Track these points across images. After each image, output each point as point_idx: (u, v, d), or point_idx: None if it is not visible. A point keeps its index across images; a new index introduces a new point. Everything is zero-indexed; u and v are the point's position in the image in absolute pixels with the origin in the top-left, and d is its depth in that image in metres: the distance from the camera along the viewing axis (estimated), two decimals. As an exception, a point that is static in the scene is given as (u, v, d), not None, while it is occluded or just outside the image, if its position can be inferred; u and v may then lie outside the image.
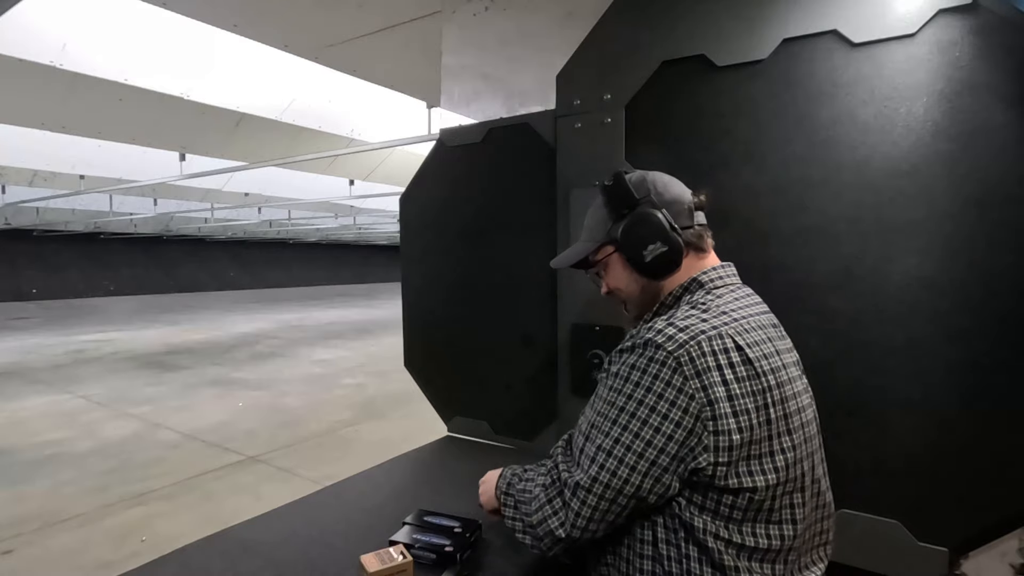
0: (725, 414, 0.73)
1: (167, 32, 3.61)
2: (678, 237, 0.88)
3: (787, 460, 0.76)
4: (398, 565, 0.98)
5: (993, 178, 1.01)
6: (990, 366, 1.02)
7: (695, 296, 0.88)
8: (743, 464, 0.74)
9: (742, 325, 0.81)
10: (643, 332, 0.80)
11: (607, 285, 0.99)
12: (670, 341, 0.76)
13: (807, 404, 0.84)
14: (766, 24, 1.21)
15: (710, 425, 0.73)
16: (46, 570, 2.76)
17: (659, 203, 0.91)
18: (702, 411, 0.73)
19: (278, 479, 3.90)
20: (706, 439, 0.73)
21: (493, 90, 1.86)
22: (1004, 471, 1.02)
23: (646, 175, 0.94)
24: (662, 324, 0.80)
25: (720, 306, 0.83)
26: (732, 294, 0.88)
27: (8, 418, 5.33)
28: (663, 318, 0.83)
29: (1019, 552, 1.09)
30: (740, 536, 0.75)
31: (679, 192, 0.93)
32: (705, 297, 0.86)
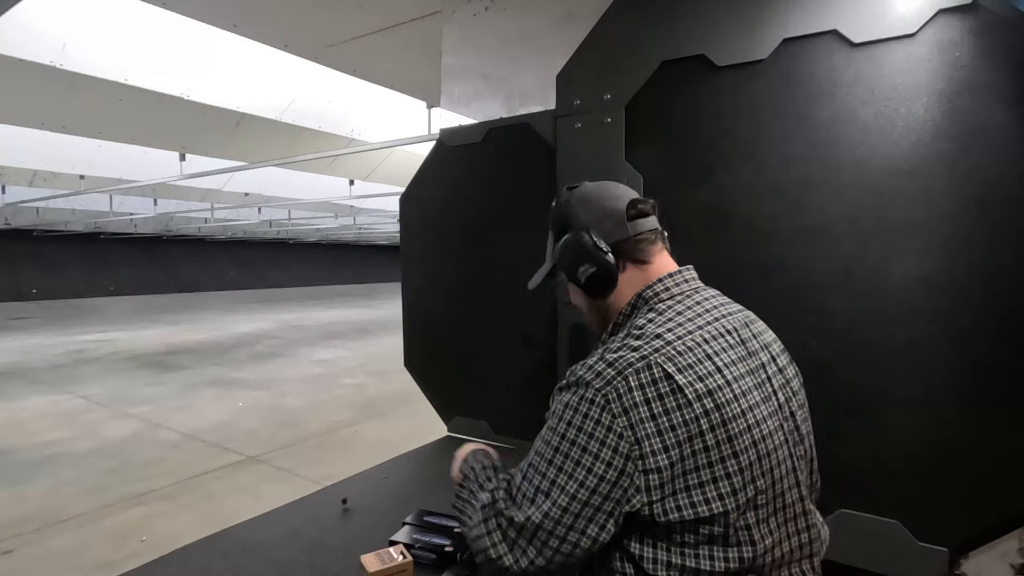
0: (654, 451, 0.71)
1: (167, 32, 3.61)
2: (603, 255, 0.86)
3: (734, 484, 0.72)
4: (398, 565, 0.98)
5: (993, 178, 1.01)
6: (990, 366, 1.02)
7: (637, 315, 0.85)
8: (681, 496, 0.71)
9: (675, 348, 0.76)
10: (578, 369, 0.79)
11: (570, 299, 1.00)
12: (598, 378, 0.75)
13: (768, 415, 0.78)
14: (766, 24, 1.21)
15: (639, 464, 0.71)
16: (46, 570, 2.76)
17: (587, 222, 0.89)
18: (631, 450, 0.71)
19: (278, 479, 3.90)
20: (637, 479, 0.71)
21: (493, 90, 1.86)
22: (1004, 471, 1.02)
23: (574, 193, 0.94)
24: (594, 359, 0.78)
25: (657, 327, 0.79)
26: (677, 306, 0.83)
27: (8, 418, 5.33)
28: (609, 346, 0.81)
29: (1019, 552, 1.09)
30: (695, 561, 0.73)
31: (610, 206, 0.90)
32: (645, 316, 0.83)
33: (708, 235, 1.30)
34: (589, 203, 0.91)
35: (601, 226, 0.88)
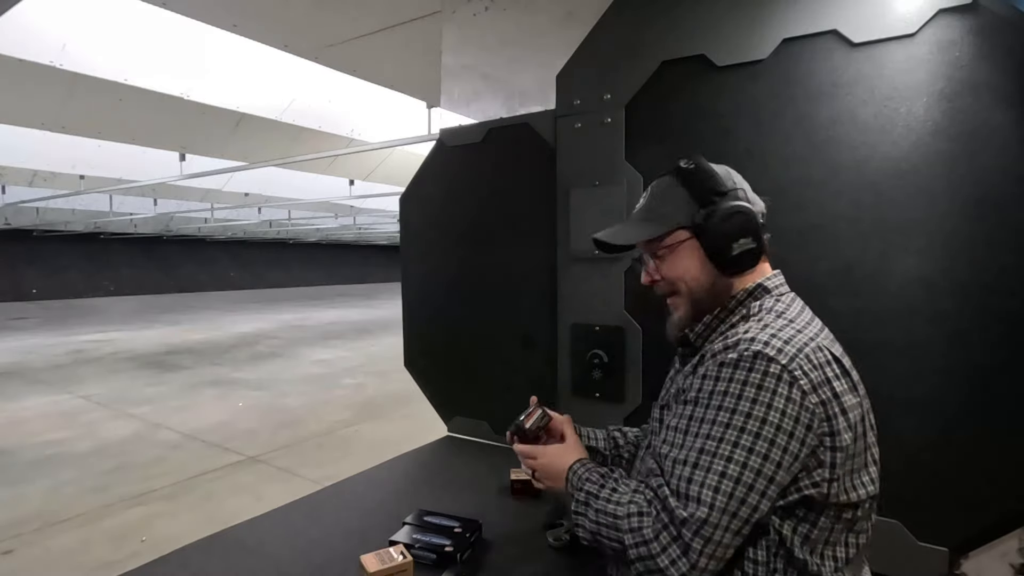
0: (842, 429, 0.71)
1: (167, 32, 3.61)
2: (763, 234, 0.85)
3: (877, 471, 0.76)
4: (398, 565, 0.98)
5: (993, 178, 1.01)
6: (990, 366, 1.02)
7: (764, 302, 0.83)
8: (854, 476, 0.73)
9: (827, 335, 0.79)
10: (748, 345, 0.73)
11: (662, 274, 0.90)
12: (781, 354, 0.71)
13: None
14: (766, 24, 1.21)
15: (827, 441, 0.70)
16: (46, 570, 2.76)
17: (743, 196, 0.86)
18: (821, 426, 0.70)
19: (278, 479, 3.90)
20: (823, 455, 0.70)
21: (493, 90, 1.86)
22: (1004, 471, 1.02)
23: (730, 171, 0.91)
24: (762, 335, 0.74)
25: (798, 314, 0.80)
26: (796, 302, 0.85)
27: (8, 418, 5.33)
28: (754, 326, 0.77)
29: (1019, 552, 1.09)
30: (832, 549, 0.74)
31: (759, 199, 0.90)
32: (777, 305, 0.82)
33: (708, 235, 1.30)
34: (743, 184, 0.88)
35: (755, 205, 0.87)
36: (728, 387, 0.72)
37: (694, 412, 0.75)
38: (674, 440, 0.76)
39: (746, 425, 0.70)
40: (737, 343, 0.74)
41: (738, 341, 0.75)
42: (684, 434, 0.75)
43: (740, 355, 0.73)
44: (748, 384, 0.71)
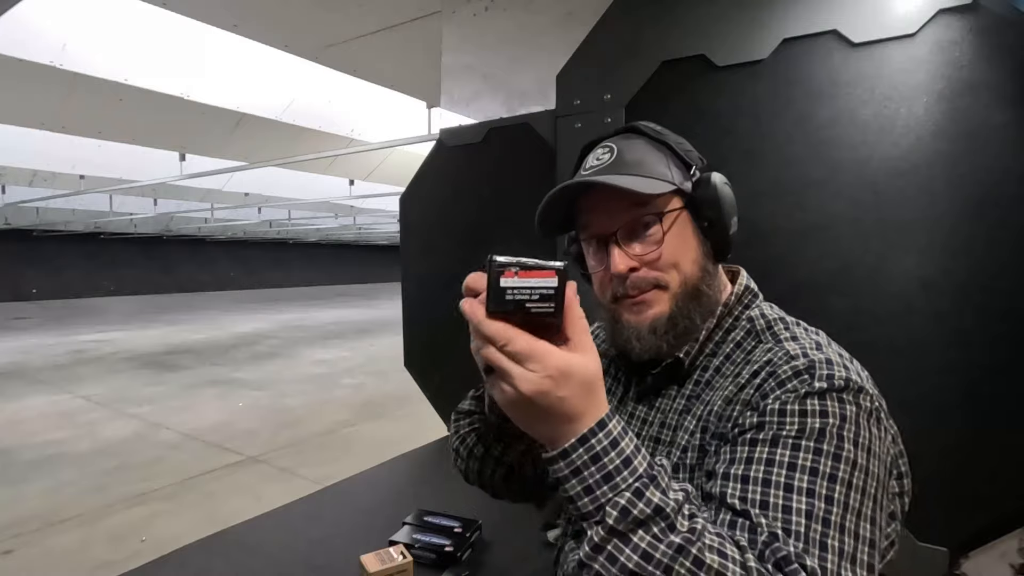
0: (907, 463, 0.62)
1: (167, 32, 3.61)
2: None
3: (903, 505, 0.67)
4: (398, 565, 0.98)
5: (993, 178, 1.01)
6: (990, 366, 1.02)
7: (763, 310, 0.70)
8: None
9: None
10: (835, 368, 0.56)
11: (654, 255, 0.65)
12: (865, 382, 0.57)
13: None
14: (766, 24, 1.21)
15: (905, 484, 0.62)
16: (46, 570, 2.76)
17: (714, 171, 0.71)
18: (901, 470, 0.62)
19: (278, 479, 3.90)
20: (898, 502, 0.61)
21: (493, 90, 1.86)
22: (1004, 471, 1.02)
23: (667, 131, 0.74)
24: (830, 355, 0.58)
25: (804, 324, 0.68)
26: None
27: (8, 418, 5.33)
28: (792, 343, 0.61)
29: (1019, 552, 1.09)
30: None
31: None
32: (773, 311, 0.70)
33: (708, 235, 1.30)
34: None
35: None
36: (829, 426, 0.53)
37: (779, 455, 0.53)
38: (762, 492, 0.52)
39: (856, 480, 0.52)
40: (812, 367, 0.56)
41: (812, 365, 0.56)
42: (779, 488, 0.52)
43: (834, 383, 0.55)
44: (848, 421, 0.54)
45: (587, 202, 0.68)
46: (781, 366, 0.58)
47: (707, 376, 0.67)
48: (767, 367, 0.59)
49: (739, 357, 0.65)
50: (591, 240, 0.69)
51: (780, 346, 0.61)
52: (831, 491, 0.51)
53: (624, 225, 0.65)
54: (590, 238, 0.69)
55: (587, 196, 0.68)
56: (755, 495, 0.52)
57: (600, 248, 0.68)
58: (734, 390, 0.61)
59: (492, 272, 0.47)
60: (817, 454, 0.52)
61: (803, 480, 0.51)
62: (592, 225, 0.68)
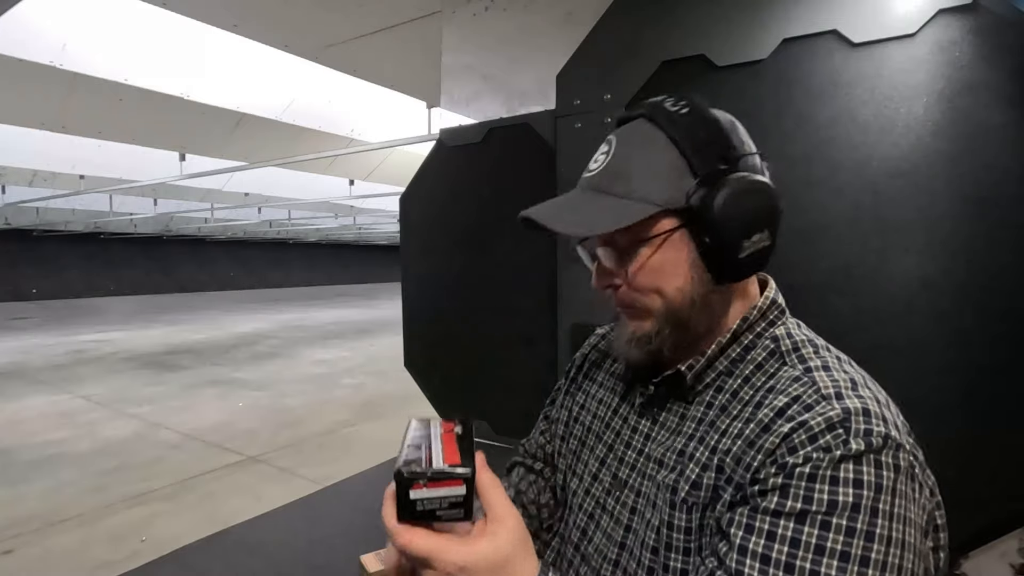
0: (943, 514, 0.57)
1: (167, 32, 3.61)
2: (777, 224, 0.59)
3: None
4: (398, 565, 0.98)
5: (993, 178, 1.01)
6: (990, 366, 1.02)
7: (790, 330, 0.61)
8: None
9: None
10: (854, 420, 0.49)
11: (632, 280, 0.60)
12: (901, 434, 0.51)
13: None
14: (766, 24, 1.21)
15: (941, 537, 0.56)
16: (46, 570, 2.76)
17: (759, 168, 0.60)
18: (933, 516, 0.56)
19: (278, 479, 3.89)
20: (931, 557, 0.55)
21: (493, 90, 1.86)
22: (1004, 471, 1.02)
23: (735, 121, 0.62)
24: (867, 401, 0.52)
25: (827, 347, 0.61)
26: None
27: (8, 418, 5.33)
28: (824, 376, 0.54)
29: (1019, 552, 1.09)
30: None
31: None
32: (802, 331, 0.62)
33: (708, 235, 1.30)
34: (741, 135, 0.61)
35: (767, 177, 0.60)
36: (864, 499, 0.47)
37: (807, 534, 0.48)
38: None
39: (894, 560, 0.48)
40: (847, 420, 0.49)
41: (847, 416, 0.50)
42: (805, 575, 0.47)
43: (868, 444, 0.48)
44: (883, 491, 0.48)
45: None
46: (811, 412, 0.51)
47: (722, 399, 0.59)
48: (795, 407, 0.52)
49: (759, 381, 0.58)
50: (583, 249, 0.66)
51: (810, 377, 0.54)
52: (863, 575, 0.46)
53: (602, 242, 0.60)
54: (578, 247, 0.66)
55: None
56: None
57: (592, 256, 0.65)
58: (757, 430, 0.53)
59: (400, 486, 0.49)
60: (849, 534, 0.46)
61: (832, 567, 0.46)
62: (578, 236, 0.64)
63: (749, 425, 0.55)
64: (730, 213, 0.55)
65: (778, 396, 0.54)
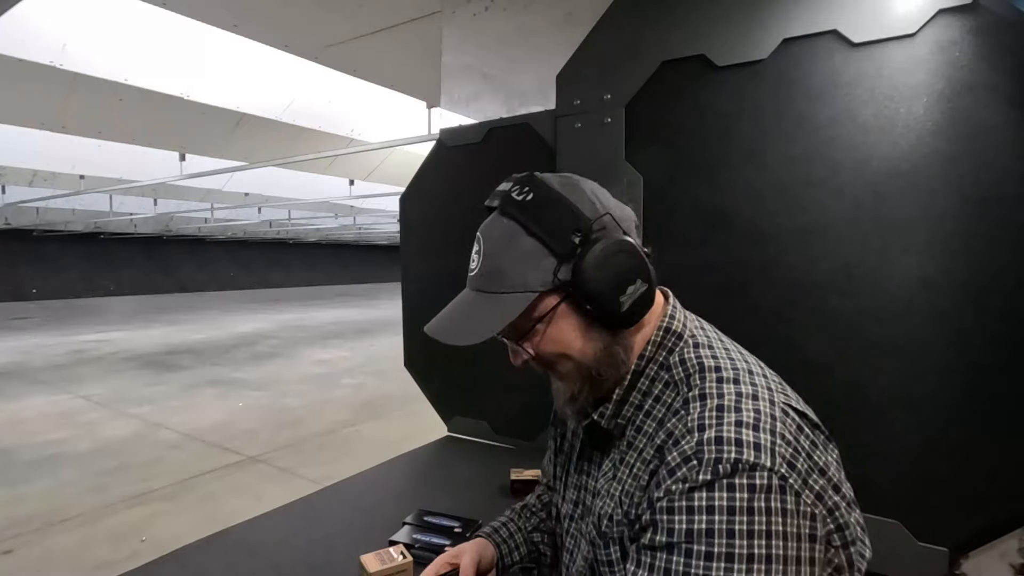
0: (845, 518, 0.56)
1: (167, 32, 3.61)
2: (651, 267, 0.64)
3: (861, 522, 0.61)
4: (398, 565, 0.98)
5: (993, 178, 1.01)
6: (990, 366, 1.02)
7: (684, 355, 0.64)
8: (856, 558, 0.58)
9: (773, 377, 0.62)
10: (705, 451, 0.53)
11: (536, 351, 0.66)
12: (762, 452, 0.52)
13: None
14: (766, 24, 1.21)
15: (836, 539, 0.55)
16: (46, 570, 2.76)
17: (619, 221, 0.64)
18: (826, 525, 0.54)
19: (278, 479, 3.90)
20: (838, 556, 0.55)
21: (493, 90, 1.86)
22: (1004, 471, 1.02)
23: (579, 182, 0.66)
24: (723, 425, 0.54)
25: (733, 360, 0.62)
26: (716, 339, 0.67)
27: (8, 418, 5.33)
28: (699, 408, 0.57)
29: (1019, 552, 1.09)
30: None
31: (622, 205, 0.68)
32: (703, 355, 0.63)
33: (709, 235, 1.30)
34: (607, 199, 0.66)
35: (631, 230, 0.65)
36: (716, 523, 0.51)
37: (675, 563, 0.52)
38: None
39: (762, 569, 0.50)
40: (699, 451, 0.54)
41: (700, 447, 0.54)
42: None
43: (715, 473, 0.52)
44: (745, 512, 0.51)
45: None
46: (675, 448, 0.56)
47: (631, 435, 0.65)
48: (669, 442, 0.58)
49: (659, 413, 0.63)
50: None
51: (685, 409, 0.59)
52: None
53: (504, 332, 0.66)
54: None
55: None
56: None
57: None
58: (643, 468, 0.61)
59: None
60: (708, 558, 0.50)
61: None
62: None
63: (639, 462, 0.62)
64: (598, 278, 0.60)
65: (660, 432, 0.61)
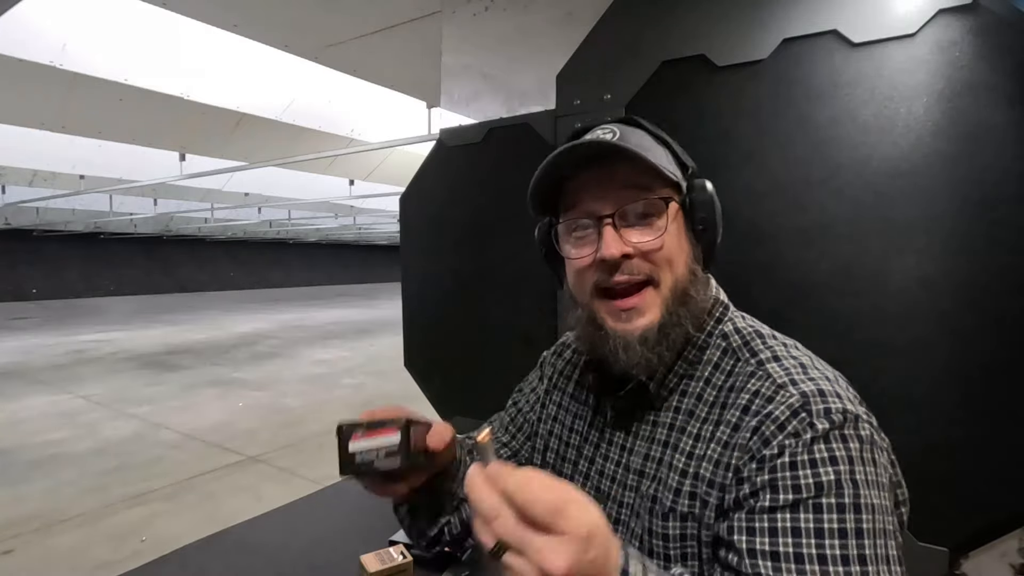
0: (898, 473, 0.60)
1: (167, 32, 3.61)
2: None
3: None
4: (398, 565, 0.98)
5: (993, 178, 1.01)
6: (990, 366, 1.02)
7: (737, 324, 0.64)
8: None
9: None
10: (813, 401, 0.52)
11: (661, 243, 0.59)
12: (855, 405, 0.53)
13: None
14: (766, 24, 1.21)
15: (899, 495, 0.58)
16: (46, 570, 2.76)
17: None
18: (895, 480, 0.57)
19: (278, 479, 3.90)
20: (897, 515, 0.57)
21: (493, 90, 1.86)
22: (1004, 471, 1.02)
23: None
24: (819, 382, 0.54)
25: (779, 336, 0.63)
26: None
27: (8, 418, 5.33)
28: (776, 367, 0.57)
29: (1019, 552, 1.09)
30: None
31: None
32: (747, 322, 0.64)
33: (708, 235, 1.30)
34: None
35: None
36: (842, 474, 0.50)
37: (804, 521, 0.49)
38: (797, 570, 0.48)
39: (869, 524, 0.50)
40: (806, 403, 0.52)
41: (806, 399, 0.52)
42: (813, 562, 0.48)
43: (831, 423, 0.51)
44: (855, 461, 0.51)
45: (580, 182, 0.63)
46: (774, 404, 0.54)
47: (688, 404, 0.61)
48: (758, 401, 0.55)
49: (719, 380, 0.60)
50: (576, 222, 0.63)
51: (763, 370, 0.57)
52: (862, 548, 0.48)
53: (623, 206, 0.59)
54: (578, 218, 0.62)
55: (580, 175, 0.62)
56: (791, 574, 0.48)
57: (586, 232, 0.62)
58: (727, 431, 0.56)
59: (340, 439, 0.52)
60: (840, 511, 0.49)
61: (834, 546, 0.48)
62: (582, 203, 0.62)
63: (719, 427, 0.57)
64: (710, 203, 0.62)
65: (740, 394, 0.57)
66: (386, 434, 0.52)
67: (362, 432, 0.51)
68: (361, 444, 0.51)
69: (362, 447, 0.51)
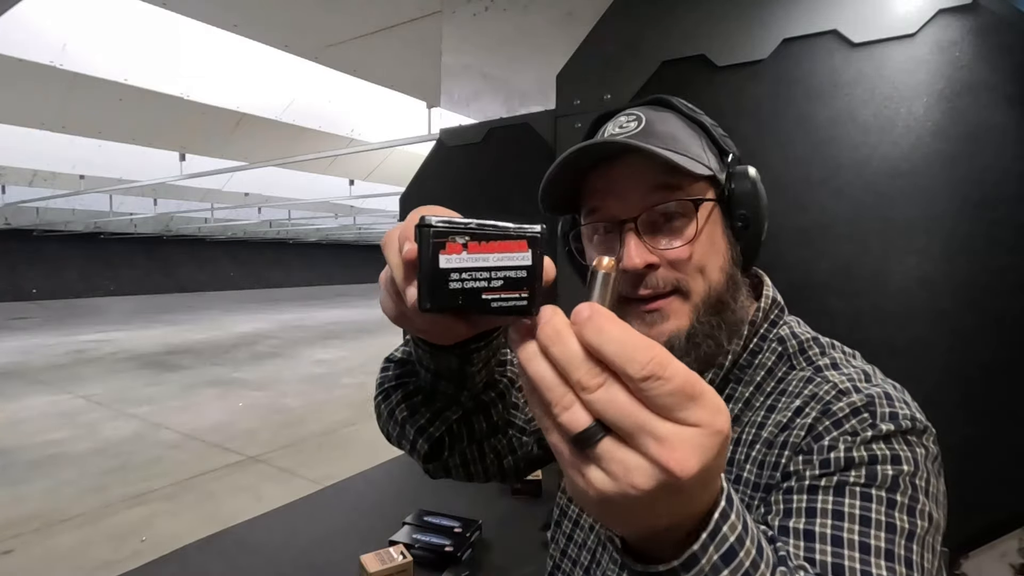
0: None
1: (167, 32, 3.61)
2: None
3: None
4: (398, 565, 0.98)
5: (993, 178, 1.01)
6: (990, 366, 1.02)
7: (794, 329, 0.58)
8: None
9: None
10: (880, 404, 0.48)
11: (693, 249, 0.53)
12: (924, 418, 0.50)
13: None
14: (766, 24, 1.21)
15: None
16: (46, 570, 2.76)
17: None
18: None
19: (278, 479, 3.90)
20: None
21: (493, 90, 1.86)
22: (1004, 471, 1.02)
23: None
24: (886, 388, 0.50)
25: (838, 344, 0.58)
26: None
27: (8, 418, 5.33)
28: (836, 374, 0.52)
29: (1019, 552, 1.09)
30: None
31: None
32: (804, 328, 0.59)
33: (708, 235, 1.30)
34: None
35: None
36: (903, 474, 0.45)
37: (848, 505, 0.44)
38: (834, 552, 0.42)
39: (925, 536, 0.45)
40: (871, 403, 0.48)
41: (871, 400, 0.48)
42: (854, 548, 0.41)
43: (897, 425, 0.47)
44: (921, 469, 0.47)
45: (601, 180, 0.55)
46: (833, 403, 0.49)
47: (735, 409, 0.56)
48: (813, 402, 0.50)
49: (770, 387, 0.55)
50: (598, 226, 0.56)
51: (822, 376, 0.52)
52: (910, 552, 0.41)
53: (647, 210, 0.52)
54: (599, 222, 0.56)
55: (602, 173, 0.55)
56: (825, 556, 0.41)
57: (609, 237, 0.55)
58: (775, 431, 0.51)
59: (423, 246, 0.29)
60: (891, 507, 0.43)
61: (880, 538, 0.41)
62: (604, 208, 0.55)
63: (765, 428, 0.52)
64: (757, 195, 0.55)
65: (793, 399, 0.52)
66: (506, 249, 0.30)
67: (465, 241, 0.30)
68: (464, 260, 0.30)
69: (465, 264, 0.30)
